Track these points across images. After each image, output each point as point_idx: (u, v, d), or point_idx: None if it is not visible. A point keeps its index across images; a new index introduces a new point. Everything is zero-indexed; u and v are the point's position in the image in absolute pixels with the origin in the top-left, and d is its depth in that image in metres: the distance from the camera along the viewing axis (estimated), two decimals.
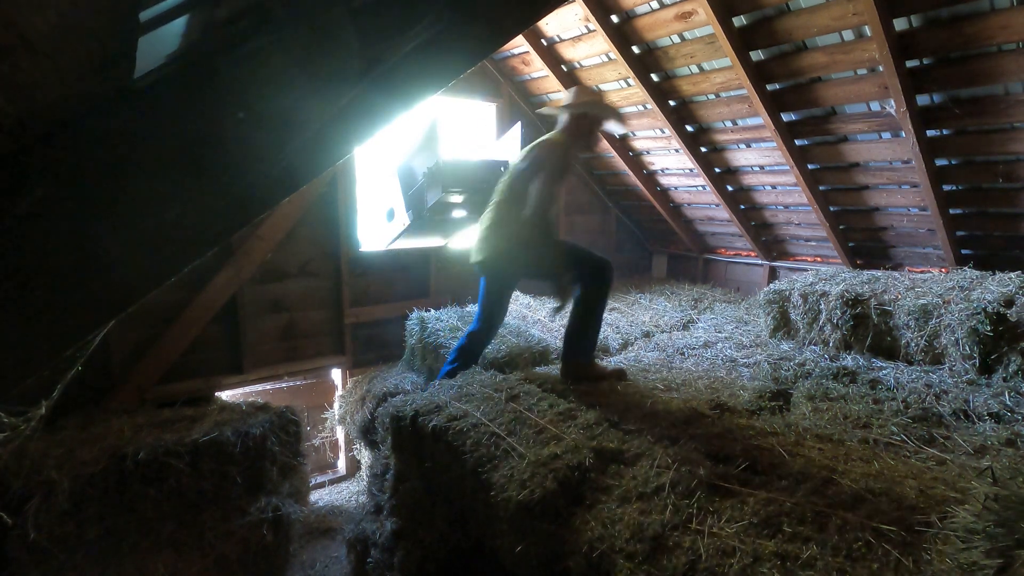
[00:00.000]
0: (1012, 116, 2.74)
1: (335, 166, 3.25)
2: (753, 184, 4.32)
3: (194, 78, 0.79)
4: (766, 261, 4.89)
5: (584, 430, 2.13)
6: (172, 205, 0.79)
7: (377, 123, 0.90)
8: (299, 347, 4.19)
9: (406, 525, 2.55)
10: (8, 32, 0.61)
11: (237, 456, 2.92)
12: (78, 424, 2.96)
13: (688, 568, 1.43)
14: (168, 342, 3.55)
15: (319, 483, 4.61)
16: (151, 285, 0.84)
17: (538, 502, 1.75)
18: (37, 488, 2.45)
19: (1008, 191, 3.13)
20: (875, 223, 3.90)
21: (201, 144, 0.78)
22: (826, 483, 1.70)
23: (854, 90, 3.11)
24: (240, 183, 0.83)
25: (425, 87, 0.93)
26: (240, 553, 2.89)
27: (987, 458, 1.85)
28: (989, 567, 1.12)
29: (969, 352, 2.61)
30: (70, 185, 0.73)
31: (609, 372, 2.86)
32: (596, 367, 2.88)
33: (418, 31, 0.82)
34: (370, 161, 4.39)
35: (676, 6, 3.31)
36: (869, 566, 1.34)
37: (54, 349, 0.81)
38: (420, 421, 2.43)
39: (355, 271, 4.33)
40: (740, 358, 3.16)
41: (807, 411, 2.36)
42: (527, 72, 4.72)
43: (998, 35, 2.46)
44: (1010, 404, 2.26)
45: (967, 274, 3.06)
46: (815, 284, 3.34)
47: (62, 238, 0.74)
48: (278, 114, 0.80)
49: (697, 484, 1.71)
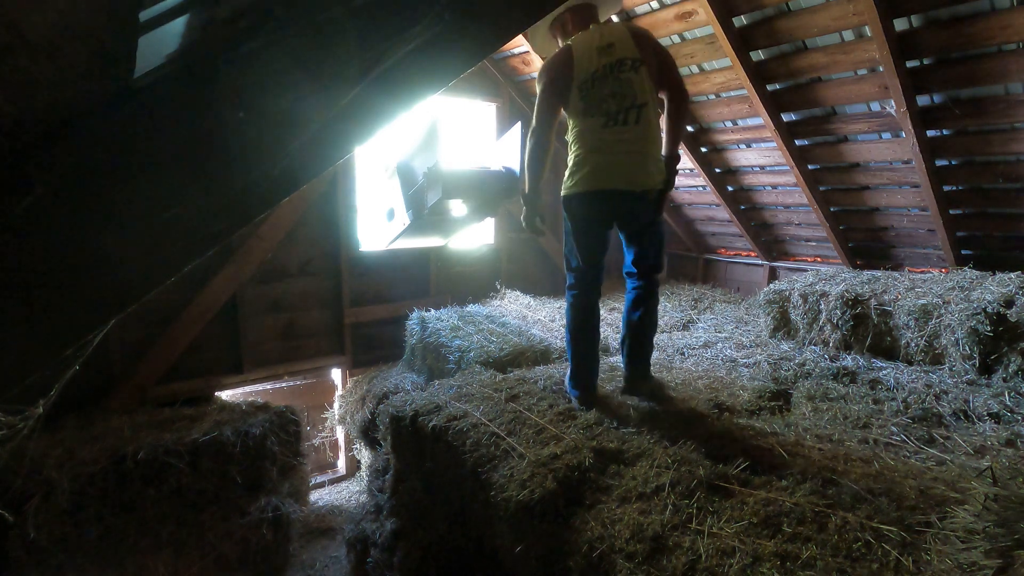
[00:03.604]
0: (1012, 116, 2.74)
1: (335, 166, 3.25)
2: (753, 184, 4.32)
3: (194, 78, 0.79)
4: (766, 261, 4.89)
5: (584, 430, 2.13)
6: (172, 205, 0.79)
7: (377, 123, 0.90)
8: (299, 347, 4.19)
9: (406, 525, 2.55)
10: (8, 32, 0.61)
11: (237, 456, 2.93)
12: (78, 424, 2.97)
13: (688, 568, 1.43)
14: (168, 342, 3.55)
15: (319, 483, 4.61)
16: (151, 285, 0.84)
17: (538, 502, 1.75)
18: (37, 488, 2.45)
19: (1008, 191, 3.13)
20: (875, 223, 3.90)
21: (201, 144, 0.78)
22: (826, 483, 1.70)
23: (854, 90, 3.11)
24: (240, 183, 0.83)
25: (425, 87, 0.92)
26: (240, 553, 2.90)
27: (987, 458, 1.85)
28: (989, 567, 1.12)
29: (969, 352, 2.61)
30: (70, 185, 0.73)
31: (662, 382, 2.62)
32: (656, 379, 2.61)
33: (418, 31, 0.82)
34: (370, 161, 4.39)
35: (676, 6, 3.31)
36: (869, 566, 1.34)
37: (54, 349, 0.81)
38: (420, 421, 2.43)
39: (355, 271, 4.34)
40: (740, 358, 3.16)
41: (807, 411, 2.36)
42: (527, 72, 4.72)
43: (998, 35, 2.46)
44: (1010, 404, 2.26)
45: (967, 274, 3.06)
46: (815, 284, 3.34)
47: (62, 238, 0.74)
48: (278, 114, 0.80)
49: (697, 484, 1.71)
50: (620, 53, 2.27)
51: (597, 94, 2.26)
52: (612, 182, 2.28)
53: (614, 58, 2.27)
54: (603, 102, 2.25)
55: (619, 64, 2.26)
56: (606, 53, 2.27)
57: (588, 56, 2.27)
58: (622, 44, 2.29)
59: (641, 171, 2.30)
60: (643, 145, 2.29)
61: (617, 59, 2.27)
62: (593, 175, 2.28)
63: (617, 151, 2.26)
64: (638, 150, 2.28)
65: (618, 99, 2.25)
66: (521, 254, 5.33)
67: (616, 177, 2.28)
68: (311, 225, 4.10)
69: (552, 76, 2.31)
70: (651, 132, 2.30)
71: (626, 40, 2.30)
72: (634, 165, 2.28)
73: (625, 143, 2.26)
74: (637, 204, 2.34)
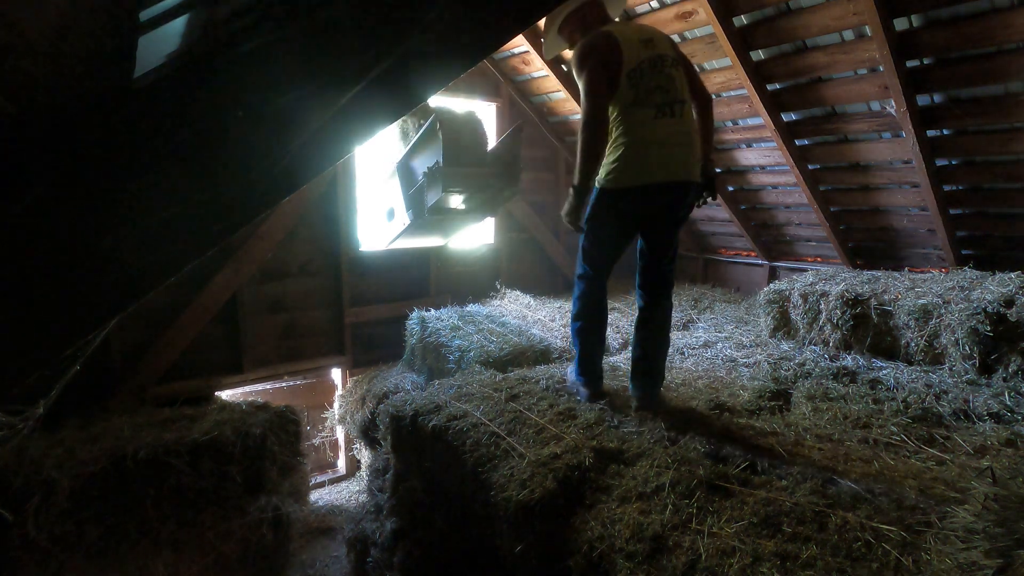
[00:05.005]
0: (1012, 116, 2.74)
1: (335, 166, 3.22)
2: (753, 184, 4.32)
3: (194, 78, 0.79)
4: (766, 261, 4.89)
5: (584, 430, 2.13)
6: (172, 205, 0.79)
7: (377, 123, 0.90)
8: (299, 347, 4.19)
9: (406, 525, 2.56)
10: (8, 32, 0.61)
11: (237, 456, 2.93)
12: (78, 424, 2.96)
13: (688, 568, 1.43)
14: (168, 342, 3.55)
15: (319, 483, 4.61)
16: (151, 285, 0.84)
17: (538, 502, 1.75)
18: (37, 487, 2.45)
19: (1008, 191, 3.13)
20: (875, 223, 3.90)
21: (201, 144, 0.78)
22: (826, 483, 1.70)
23: (854, 90, 3.11)
24: (240, 183, 0.83)
25: (425, 87, 0.93)
26: (240, 553, 2.89)
27: (987, 458, 1.85)
28: (989, 567, 1.12)
29: (969, 352, 2.61)
30: (70, 185, 0.73)
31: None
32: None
33: (418, 31, 0.82)
34: (370, 161, 4.39)
35: (676, 6, 3.31)
36: (869, 566, 1.34)
37: (54, 349, 0.81)
38: (420, 421, 2.43)
39: (355, 271, 4.33)
40: (740, 358, 3.16)
41: (807, 411, 2.36)
42: (527, 72, 4.72)
43: (998, 35, 2.46)
44: (1010, 404, 2.26)
45: (967, 274, 3.05)
46: (815, 284, 3.34)
47: (62, 237, 0.74)
48: (278, 114, 0.80)
49: (697, 484, 1.71)
50: (660, 49, 2.22)
51: (646, 84, 2.17)
52: (669, 174, 2.20)
53: (656, 52, 2.20)
54: (651, 94, 2.17)
55: (661, 59, 2.21)
56: (647, 46, 2.20)
57: (632, 45, 2.18)
58: (660, 42, 2.25)
59: (694, 162, 2.27)
60: (691, 137, 2.26)
61: (659, 54, 2.21)
62: (650, 167, 2.19)
63: (673, 142, 2.20)
64: (688, 142, 2.24)
65: (663, 92, 2.18)
66: (521, 254, 5.33)
67: (672, 168, 2.21)
68: (311, 225, 4.10)
69: (602, 59, 2.15)
70: (694, 126, 2.29)
71: (663, 39, 2.27)
72: (687, 156, 2.24)
73: (678, 135, 2.21)
74: (685, 196, 2.29)
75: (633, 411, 2.36)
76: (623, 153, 2.19)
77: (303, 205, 3.98)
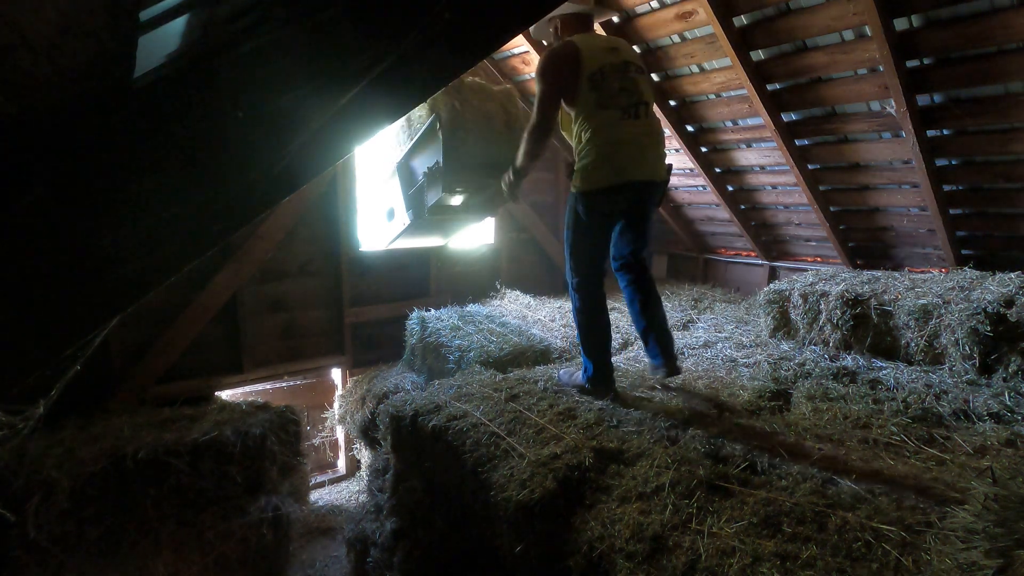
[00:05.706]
0: (1013, 116, 2.74)
1: (335, 166, 3.21)
2: (753, 184, 4.32)
3: (194, 78, 0.79)
4: (766, 261, 4.89)
5: (584, 430, 2.13)
6: (172, 205, 0.79)
7: (377, 123, 0.90)
8: (299, 347, 4.19)
9: (406, 525, 2.56)
10: (8, 32, 0.61)
11: (237, 456, 2.93)
12: (78, 424, 2.96)
13: (688, 568, 1.43)
14: (168, 342, 3.55)
15: (319, 483, 4.61)
16: (151, 285, 0.84)
17: (538, 502, 1.75)
18: (37, 487, 2.45)
19: (1008, 191, 3.13)
20: (875, 223, 3.90)
21: (201, 144, 0.78)
22: (826, 483, 1.70)
23: (854, 90, 3.11)
24: (240, 183, 0.83)
25: (425, 87, 0.92)
26: (240, 553, 2.90)
27: (987, 458, 1.85)
28: (989, 567, 1.12)
29: (969, 352, 2.61)
30: (70, 185, 0.73)
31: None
32: None
33: (418, 31, 0.82)
34: (370, 161, 4.39)
35: (676, 6, 3.31)
36: (869, 566, 1.34)
37: (54, 349, 0.81)
38: (420, 421, 2.43)
39: (355, 271, 4.33)
40: (740, 358, 3.16)
41: (807, 411, 2.36)
42: (527, 72, 4.72)
43: (998, 35, 2.46)
44: (1010, 404, 2.26)
45: (967, 274, 3.05)
46: (815, 284, 3.34)
47: (62, 237, 0.74)
48: (278, 114, 0.80)
49: (697, 484, 1.71)
50: (625, 57, 2.40)
51: (609, 87, 2.32)
52: (638, 173, 2.36)
53: (620, 59, 2.37)
54: (615, 96, 2.32)
55: (625, 65, 2.37)
56: (612, 53, 2.37)
57: (594, 51, 2.35)
58: (626, 51, 2.44)
59: (659, 161, 2.42)
60: (657, 137, 2.42)
61: (623, 60, 2.38)
62: (621, 167, 2.33)
63: (639, 143, 2.35)
64: (654, 143, 2.40)
65: (627, 95, 2.33)
66: (521, 254, 5.33)
67: (642, 167, 2.36)
68: (311, 225, 4.10)
69: (559, 67, 2.34)
70: (659, 127, 2.44)
71: (629, 49, 2.47)
72: (653, 156, 2.39)
73: (643, 135, 2.36)
74: (655, 193, 2.45)
75: (662, 379, 2.53)
76: (596, 155, 2.33)
77: (303, 205, 3.98)
